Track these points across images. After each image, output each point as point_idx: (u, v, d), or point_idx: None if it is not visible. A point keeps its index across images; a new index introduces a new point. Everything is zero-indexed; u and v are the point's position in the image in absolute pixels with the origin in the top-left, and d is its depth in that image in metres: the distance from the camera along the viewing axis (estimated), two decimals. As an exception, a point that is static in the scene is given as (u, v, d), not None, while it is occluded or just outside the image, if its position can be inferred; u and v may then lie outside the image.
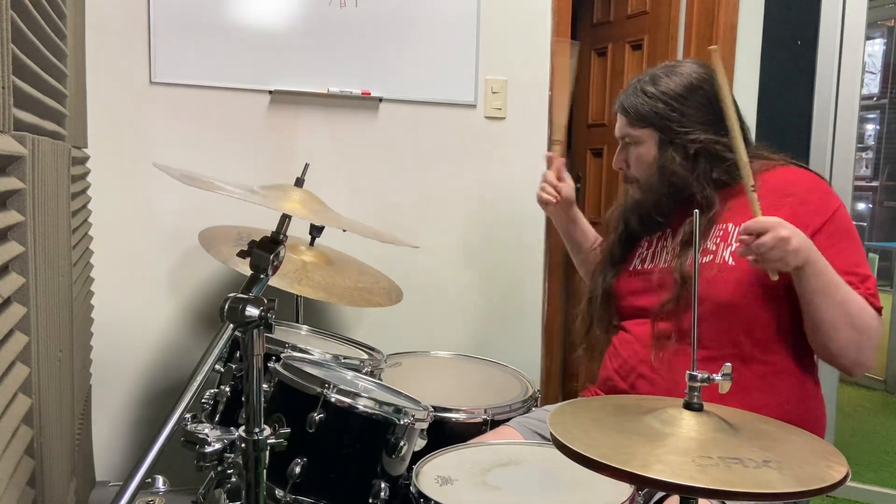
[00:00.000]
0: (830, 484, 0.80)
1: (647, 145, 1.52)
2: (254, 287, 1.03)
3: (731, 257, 1.41)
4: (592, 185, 3.32)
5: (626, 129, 1.55)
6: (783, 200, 1.39)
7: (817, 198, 1.41)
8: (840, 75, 2.52)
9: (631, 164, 1.57)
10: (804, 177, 1.46)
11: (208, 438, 1.04)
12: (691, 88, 1.48)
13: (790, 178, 1.45)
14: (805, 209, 1.38)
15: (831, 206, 1.40)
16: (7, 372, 0.93)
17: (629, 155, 1.57)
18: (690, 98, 1.48)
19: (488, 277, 2.50)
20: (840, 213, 1.40)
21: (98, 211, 2.02)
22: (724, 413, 0.96)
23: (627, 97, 1.54)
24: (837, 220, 1.39)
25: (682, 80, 1.49)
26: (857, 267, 1.36)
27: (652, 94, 1.50)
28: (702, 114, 1.47)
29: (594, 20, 3.32)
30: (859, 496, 2.68)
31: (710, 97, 1.46)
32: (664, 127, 1.49)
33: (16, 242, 0.99)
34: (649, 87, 1.50)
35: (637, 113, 1.51)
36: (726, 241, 1.43)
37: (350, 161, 2.32)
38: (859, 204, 4.47)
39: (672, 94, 1.48)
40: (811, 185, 1.44)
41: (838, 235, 1.37)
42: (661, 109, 1.48)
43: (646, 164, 1.53)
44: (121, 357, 2.19)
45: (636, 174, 1.56)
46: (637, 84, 1.54)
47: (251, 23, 2.18)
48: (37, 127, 1.13)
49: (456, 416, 1.59)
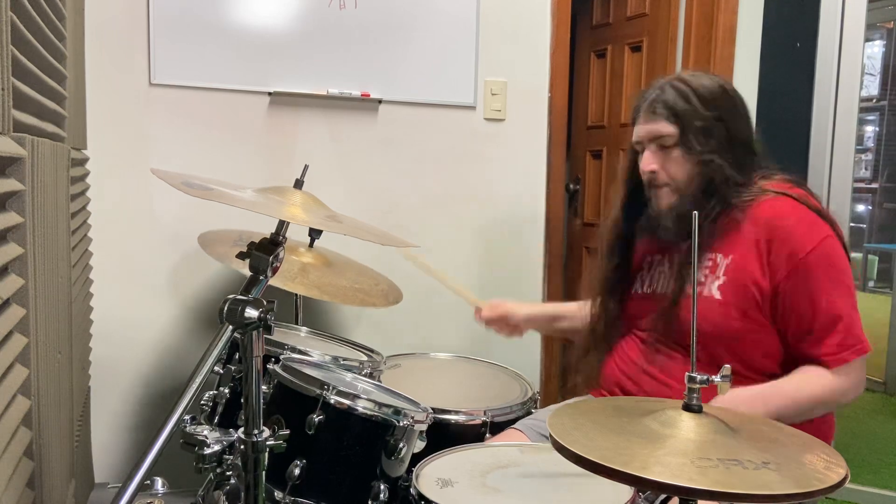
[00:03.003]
0: (829, 486, 0.80)
1: (683, 146, 1.44)
2: (253, 289, 1.03)
3: (718, 291, 1.41)
4: (591, 188, 3.32)
5: (664, 128, 1.44)
6: (761, 235, 1.38)
7: (795, 234, 1.37)
8: (839, 77, 2.53)
9: (668, 167, 1.46)
10: (789, 211, 1.40)
11: (207, 440, 1.04)
12: (722, 90, 1.46)
13: (777, 211, 1.40)
14: (778, 248, 1.36)
15: (810, 243, 1.35)
16: (6, 373, 0.93)
17: (665, 157, 1.46)
18: (722, 99, 1.46)
19: (488, 278, 2.50)
20: (819, 250, 1.35)
21: (97, 212, 2.02)
22: (723, 415, 0.96)
23: (662, 95, 1.45)
24: (815, 257, 1.35)
25: (708, 81, 1.47)
26: (825, 312, 1.34)
27: (685, 92, 1.44)
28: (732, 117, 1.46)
29: (593, 22, 3.32)
30: (858, 498, 2.68)
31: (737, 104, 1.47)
32: (701, 127, 1.43)
33: (15, 244, 0.99)
34: (682, 86, 1.45)
35: (675, 111, 1.43)
36: (714, 273, 1.43)
37: (350, 162, 2.32)
38: (858, 206, 4.48)
39: (709, 94, 1.45)
40: (794, 220, 1.39)
41: (811, 275, 1.35)
42: (700, 108, 1.43)
43: (687, 165, 1.44)
44: (120, 358, 2.18)
45: (673, 176, 1.46)
46: (667, 83, 1.47)
47: (251, 24, 2.18)
48: (36, 128, 1.13)
49: (455, 417, 1.59)
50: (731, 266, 1.41)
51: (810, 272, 1.35)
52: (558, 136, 2.54)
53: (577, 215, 3.41)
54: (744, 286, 1.38)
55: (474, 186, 2.44)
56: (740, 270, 1.40)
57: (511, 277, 2.52)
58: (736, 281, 1.40)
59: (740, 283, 1.39)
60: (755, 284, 1.38)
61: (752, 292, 1.38)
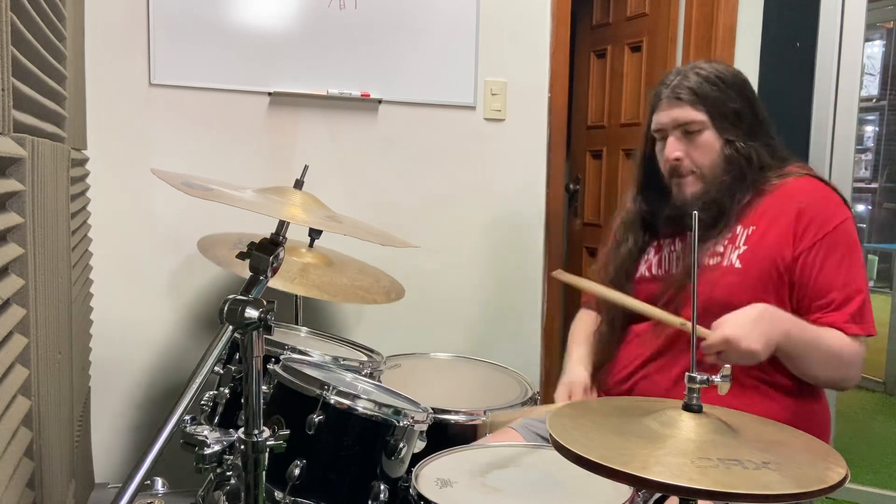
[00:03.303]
0: (829, 485, 0.80)
1: (711, 131, 1.44)
2: (253, 289, 1.03)
3: (739, 260, 1.41)
4: (591, 188, 3.32)
5: (691, 114, 1.43)
6: (788, 207, 1.40)
7: (823, 208, 1.41)
8: (839, 77, 2.52)
9: (693, 154, 1.45)
10: (816, 188, 1.45)
11: (207, 440, 1.04)
12: (742, 78, 1.48)
13: (802, 188, 1.44)
14: (807, 219, 1.39)
15: (836, 219, 1.40)
16: (6, 374, 0.93)
17: (691, 144, 1.45)
18: (745, 86, 1.48)
19: (488, 279, 2.50)
20: (844, 227, 1.39)
21: (97, 212, 2.02)
22: (723, 415, 0.96)
23: (686, 81, 1.44)
24: (838, 234, 1.38)
25: (727, 68, 1.49)
26: (845, 284, 1.36)
27: (709, 77, 1.45)
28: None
29: (593, 22, 3.32)
30: (859, 498, 2.68)
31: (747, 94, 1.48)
32: (730, 111, 1.44)
33: (15, 244, 0.99)
34: (703, 72, 1.45)
35: (700, 95, 1.43)
36: (734, 243, 1.43)
37: (349, 162, 2.32)
38: (858, 205, 4.48)
39: (733, 79, 1.46)
40: (820, 196, 1.43)
41: (835, 249, 1.37)
42: (722, 91, 1.44)
43: (714, 151, 1.44)
44: (120, 358, 2.18)
45: (699, 164, 1.45)
46: (689, 69, 1.47)
47: (251, 25, 2.18)
48: (36, 129, 1.13)
49: (455, 417, 1.59)
50: (753, 236, 1.41)
51: (836, 245, 1.37)
52: (558, 136, 2.55)
53: (577, 215, 3.41)
54: (765, 256, 1.39)
55: (474, 186, 2.44)
56: (762, 240, 1.40)
57: (511, 277, 2.52)
58: (757, 250, 1.40)
59: (761, 253, 1.40)
60: (778, 254, 1.39)
61: (774, 262, 1.38)
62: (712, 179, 1.45)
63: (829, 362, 1.37)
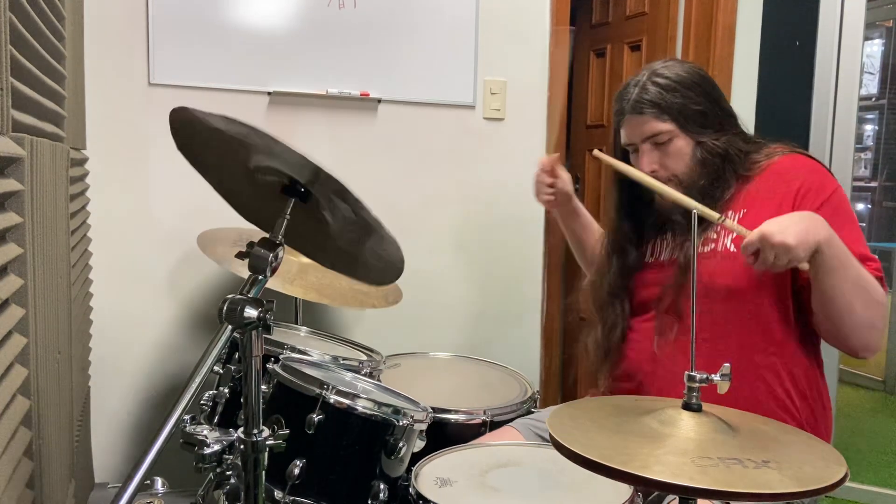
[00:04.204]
0: (829, 484, 0.80)
1: (681, 137, 1.45)
2: (252, 288, 1.03)
3: (733, 244, 1.41)
4: (591, 187, 3.32)
5: (657, 126, 1.44)
6: (780, 184, 1.41)
7: (817, 178, 1.42)
8: (839, 76, 2.53)
9: (667, 163, 1.47)
10: (805, 162, 1.47)
11: (207, 440, 1.04)
12: (699, 73, 1.48)
13: (792, 163, 1.46)
14: (804, 190, 1.39)
15: (829, 187, 1.40)
16: (6, 373, 0.93)
17: (663, 154, 1.46)
18: (703, 81, 1.48)
19: (487, 278, 2.50)
20: (838, 194, 1.41)
21: (97, 212, 2.02)
22: (722, 414, 0.96)
23: (645, 94, 1.45)
24: (835, 201, 1.39)
25: (684, 68, 1.48)
26: (859, 248, 1.35)
27: (668, 85, 1.44)
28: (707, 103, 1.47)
29: (592, 21, 3.32)
30: (858, 496, 2.68)
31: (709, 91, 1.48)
32: (695, 113, 1.44)
33: (14, 244, 0.99)
34: (661, 80, 1.45)
35: (661, 105, 1.43)
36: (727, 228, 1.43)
37: (349, 162, 2.32)
38: (858, 204, 4.47)
39: (690, 80, 1.46)
40: (811, 167, 1.45)
41: (837, 216, 1.36)
42: (683, 96, 1.44)
43: (687, 156, 1.45)
44: (119, 358, 2.18)
45: (674, 171, 1.46)
46: (646, 80, 1.46)
47: (250, 24, 2.18)
48: (35, 128, 1.13)
49: (455, 417, 1.59)
50: (745, 218, 1.41)
51: (837, 210, 1.37)
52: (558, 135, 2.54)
53: (577, 214, 3.40)
54: None
55: (474, 186, 2.44)
56: (756, 220, 1.38)
57: (511, 277, 2.52)
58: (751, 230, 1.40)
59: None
60: None
61: None
62: (691, 183, 1.45)
63: (861, 292, 1.30)
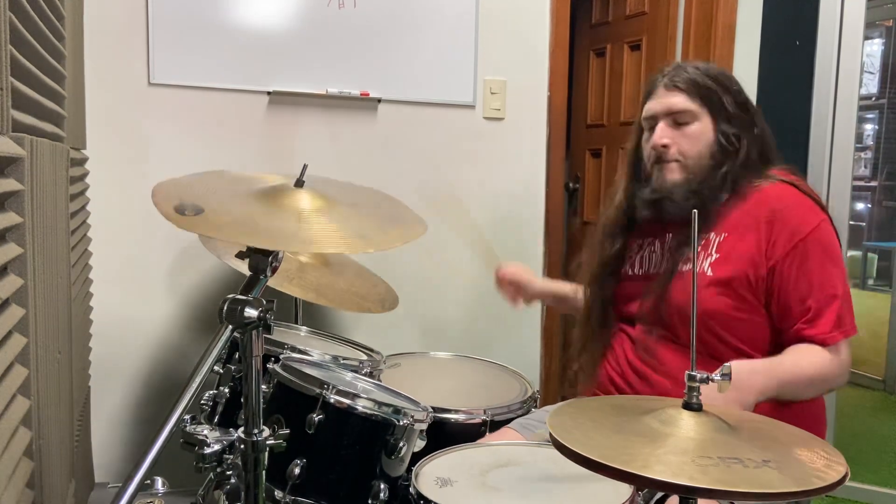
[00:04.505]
0: (829, 484, 0.80)
1: (703, 122, 1.45)
2: (252, 288, 1.03)
3: (710, 268, 1.41)
4: (591, 186, 3.32)
5: (685, 103, 1.44)
6: (760, 216, 1.40)
7: (797, 215, 1.39)
8: (838, 75, 2.52)
9: (681, 142, 1.45)
10: (789, 195, 1.43)
11: (207, 440, 1.04)
12: (730, 79, 1.50)
13: (778, 194, 1.43)
14: (779, 227, 1.38)
15: (808, 225, 1.38)
16: (6, 373, 0.93)
17: (680, 134, 1.46)
18: (740, 87, 1.50)
19: (487, 278, 2.50)
20: (819, 231, 1.38)
21: (97, 212, 2.02)
22: (723, 413, 0.96)
23: (684, 72, 1.46)
24: (811, 240, 1.37)
25: (725, 72, 1.51)
26: (822, 289, 1.36)
27: (708, 71, 1.47)
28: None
29: (592, 21, 3.32)
30: (859, 496, 2.68)
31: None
32: (724, 107, 1.45)
33: (14, 244, 0.99)
34: (702, 67, 1.48)
35: (697, 87, 1.44)
36: (707, 250, 1.43)
37: (349, 162, 2.32)
38: (858, 204, 4.48)
39: (728, 80, 1.48)
40: (795, 201, 1.41)
41: (809, 256, 1.36)
42: (721, 88, 1.46)
43: (701, 143, 1.45)
44: (120, 358, 2.19)
45: (684, 153, 1.45)
46: (687, 64, 1.49)
47: (250, 24, 2.18)
48: (35, 128, 1.13)
49: (455, 416, 1.59)
50: (724, 243, 1.41)
51: (809, 252, 1.36)
52: (558, 134, 2.55)
53: (577, 214, 3.41)
54: (736, 263, 1.39)
55: (474, 185, 2.44)
56: (734, 248, 1.40)
57: (511, 276, 2.51)
58: (728, 257, 1.40)
59: (733, 260, 1.39)
60: (749, 262, 1.38)
61: (745, 270, 1.38)
62: (695, 170, 1.45)
63: (817, 386, 1.39)
